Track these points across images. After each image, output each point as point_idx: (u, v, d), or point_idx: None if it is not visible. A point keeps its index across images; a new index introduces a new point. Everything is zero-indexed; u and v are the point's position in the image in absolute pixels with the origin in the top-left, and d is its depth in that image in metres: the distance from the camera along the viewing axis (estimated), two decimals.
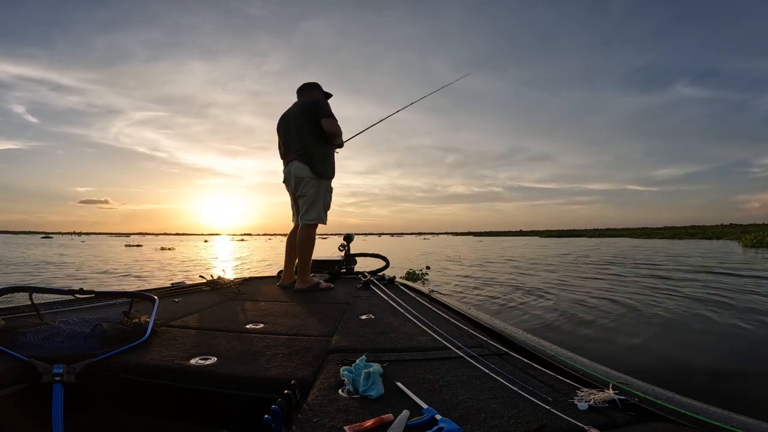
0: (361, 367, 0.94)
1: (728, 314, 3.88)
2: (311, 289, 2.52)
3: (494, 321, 1.53)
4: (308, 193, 2.60)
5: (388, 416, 0.74)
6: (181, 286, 2.46)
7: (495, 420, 0.75)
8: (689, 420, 0.71)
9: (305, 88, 2.82)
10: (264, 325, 1.56)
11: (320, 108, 2.61)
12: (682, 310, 4.16)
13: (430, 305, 1.92)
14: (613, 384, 0.84)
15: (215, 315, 1.74)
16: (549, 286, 6.15)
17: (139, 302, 1.56)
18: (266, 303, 2.08)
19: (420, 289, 2.41)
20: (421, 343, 1.28)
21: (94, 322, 1.23)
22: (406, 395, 0.86)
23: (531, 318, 4.05)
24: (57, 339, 1.13)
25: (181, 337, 1.33)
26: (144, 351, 1.17)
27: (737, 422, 0.68)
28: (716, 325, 3.56)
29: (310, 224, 2.62)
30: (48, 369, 0.94)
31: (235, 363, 1.09)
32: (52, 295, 1.47)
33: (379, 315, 1.70)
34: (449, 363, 1.08)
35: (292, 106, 2.77)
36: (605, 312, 4.16)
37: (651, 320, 3.79)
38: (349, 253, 3.53)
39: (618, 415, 0.75)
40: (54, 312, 1.50)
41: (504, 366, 1.04)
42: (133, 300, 1.57)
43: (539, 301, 4.94)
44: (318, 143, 2.61)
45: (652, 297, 4.94)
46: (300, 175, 2.59)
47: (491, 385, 0.92)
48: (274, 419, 0.73)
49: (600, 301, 4.74)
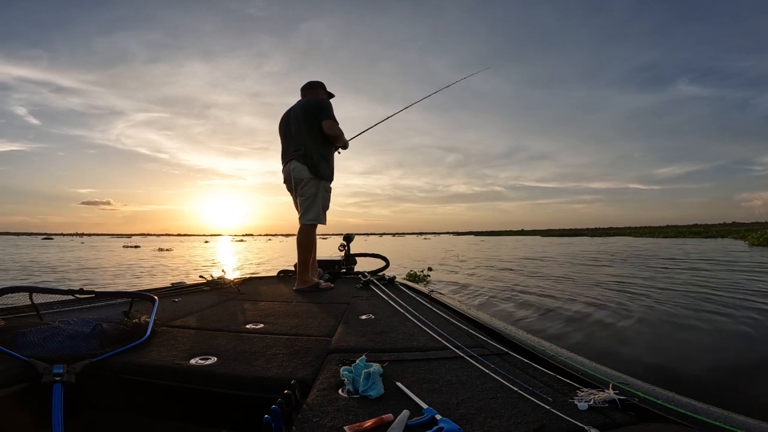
0: (361, 367, 0.94)
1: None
2: (311, 289, 2.53)
3: (494, 321, 1.53)
4: (307, 194, 2.59)
5: (388, 416, 0.74)
6: (181, 286, 2.46)
7: (495, 420, 0.75)
8: (689, 420, 0.71)
9: (309, 87, 2.80)
10: (264, 325, 1.56)
11: (322, 109, 2.59)
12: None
13: (430, 305, 1.92)
14: (613, 384, 0.84)
15: (215, 315, 1.74)
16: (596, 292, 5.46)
17: (139, 302, 1.56)
18: (266, 303, 2.08)
19: (420, 289, 2.41)
20: (421, 343, 1.28)
21: (94, 322, 1.23)
22: (406, 395, 0.86)
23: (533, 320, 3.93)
24: (57, 339, 1.13)
25: (181, 337, 1.33)
26: (144, 351, 1.17)
27: (737, 422, 0.68)
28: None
29: (308, 225, 2.62)
30: (48, 369, 0.94)
31: (235, 363, 1.09)
32: (52, 295, 1.47)
33: (379, 315, 1.70)
34: (449, 363, 1.08)
35: (294, 105, 2.75)
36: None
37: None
38: (349, 253, 3.53)
39: (618, 415, 0.75)
40: (54, 312, 1.50)
41: (504, 366, 1.04)
42: (133, 300, 1.57)
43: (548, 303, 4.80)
44: (318, 144, 2.59)
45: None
46: (299, 175, 2.59)
47: (491, 385, 0.92)
48: (274, 419, 0.73)
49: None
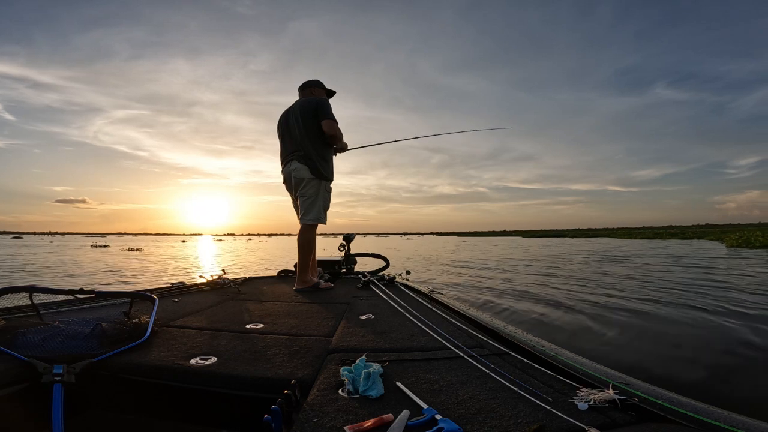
0: (361, 367, 0.94)
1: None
2: (311, 289, 2.53)
3: (494, 321, 1.53)
4: (308, 194, 2.59)
5: (388, 416, 0.74)
6: (181, 286, 2.46)
7: (495, 420, 0.75)
8: (689, 420, 0.71)
9: (307, 86, 2.77)
10: (264, 325, 1.56)
11: (321, 109, 2.58)
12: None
13: (430, 305, 1.92)
14: (613, 384, 0.84)
15: (215, 315, 1.74)
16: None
17: (139, 302, 1.56)
18: (266, 303, 2.08)
19: (420, 289, 2.41)
20: (421, 343, 1.28)
21: (94, 322, 1.23)
22: (406, 395, 0.86)
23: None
24: (57, 339, 1.13)
25: (181, 337, 1.33)
26: (144, 351, 1.17)
27: (737, 422, 0.68)
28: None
29: (309, 225, 2.61)
30: (48, 369, 0.94)
31: (235, 363, 1.09)
32: (52, 295, 1.47)
33: (379, 315, 1.70)
34: (449, 363, 1.08)
35: (293, 104, 2.73)
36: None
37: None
38: (349, 253, 3.53)
39: (618, 415, 0.75)
40: (54, 312, 1.50)
41: (504, 366, 1.04)
42: (133, 300, 1.57)
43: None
44: (317, 144, 2.58)
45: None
46: (299, 176, 2.58)
47: (491, 385, 0.92)
48: (274, 419, 0.73)
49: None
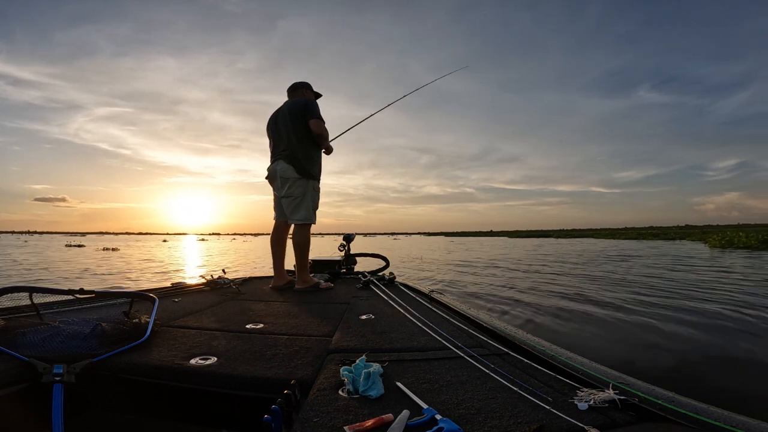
0: (361, 367, 0.94)
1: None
2: (311, 289, 2.53)
3: (494, 321, 1.53)
4: (295, 194, 2.59)
5: (388, 416, 0.74)
6: (181, 286, 2.46)
7: (495, 420, 0.75)
8: (689, 420, 0.71)
9: (296, 88, 2.80)
10: (264, 325, 1.56)
11: (309, 109, 2.61)
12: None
13: (430, 305, 1.92)
14: (613, 384, 0.84)
15: (215, 315, 1.74)
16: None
17: (139, 302, 1.56)
18: (266, 303, 2.08)
19: (420, 289, 2.41)
20: (421, 343, 1.28)
21: (94, 322, 1.23)
22: (406, 395, 0.86)
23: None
24: (57, 339, 1.13)
25: (181, 337, 1.33)
26: (144, 351, 1.17)
27: (737, 422, 0.68)
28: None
29: (303, 224, 2.61)
30: (48, 369, 0.94)
31: (235, 363, 1.09)
32: (52, 295, 1.47)
33: (379, 315, 1.70)
34: (449, 363, 1.08)
35: (282, 106, 2.76)
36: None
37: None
38: (349, 253, 3.53)
39: (618, 415, 0.75)
40: (54, 312, 1.50)
41: (504, 366, 1.04)
42: (133, 300, 1.57)
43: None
44: (305, 144, 2.60)
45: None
46: (286, 175, 2.59)
47: (491, 385, 0.92)
48: (274, 419, 0.73)
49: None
